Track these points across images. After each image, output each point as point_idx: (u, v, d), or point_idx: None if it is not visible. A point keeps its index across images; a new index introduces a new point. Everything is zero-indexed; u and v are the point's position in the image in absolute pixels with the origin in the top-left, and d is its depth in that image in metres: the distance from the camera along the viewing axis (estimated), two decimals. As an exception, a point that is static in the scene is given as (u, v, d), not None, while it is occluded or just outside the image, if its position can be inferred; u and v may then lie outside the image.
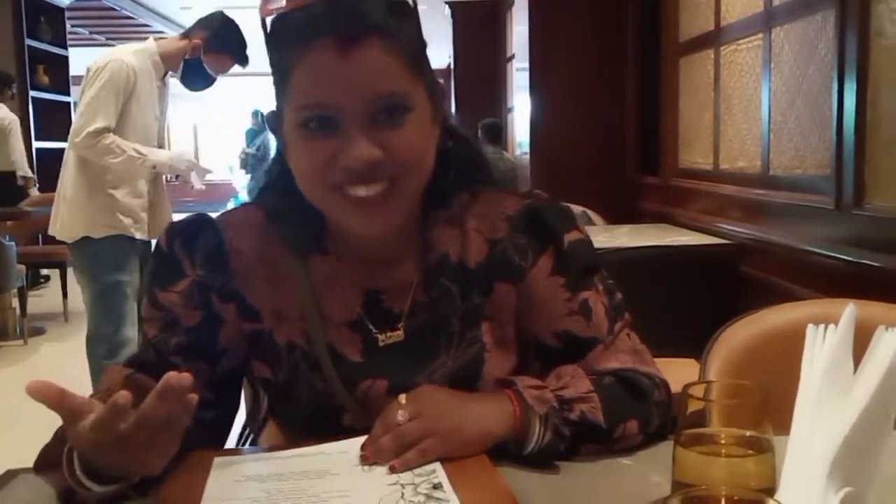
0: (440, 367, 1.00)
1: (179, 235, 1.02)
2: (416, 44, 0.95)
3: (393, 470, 0.84)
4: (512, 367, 1.03)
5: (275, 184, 1.04)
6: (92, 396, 0.86)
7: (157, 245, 1.04)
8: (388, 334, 1.01)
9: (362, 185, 0.91)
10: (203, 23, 3.17)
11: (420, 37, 0.96)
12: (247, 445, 1.13)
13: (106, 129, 2.99)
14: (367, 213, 0.93)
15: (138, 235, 3.16)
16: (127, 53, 3.09)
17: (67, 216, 3.14)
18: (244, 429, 1.16)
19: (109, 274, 3.10)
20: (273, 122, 0.99)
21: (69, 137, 3.11)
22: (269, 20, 0.95)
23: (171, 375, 0.74)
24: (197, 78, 3.21)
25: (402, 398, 0.90)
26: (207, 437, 0.97)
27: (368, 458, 0.86)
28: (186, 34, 3.20)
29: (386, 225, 0.96)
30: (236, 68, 3.26)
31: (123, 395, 0.73)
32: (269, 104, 1.02)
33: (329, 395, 0.99)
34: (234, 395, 1.07)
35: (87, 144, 3.00)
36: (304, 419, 1.02)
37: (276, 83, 0.96)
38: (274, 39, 0.95)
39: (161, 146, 3.29)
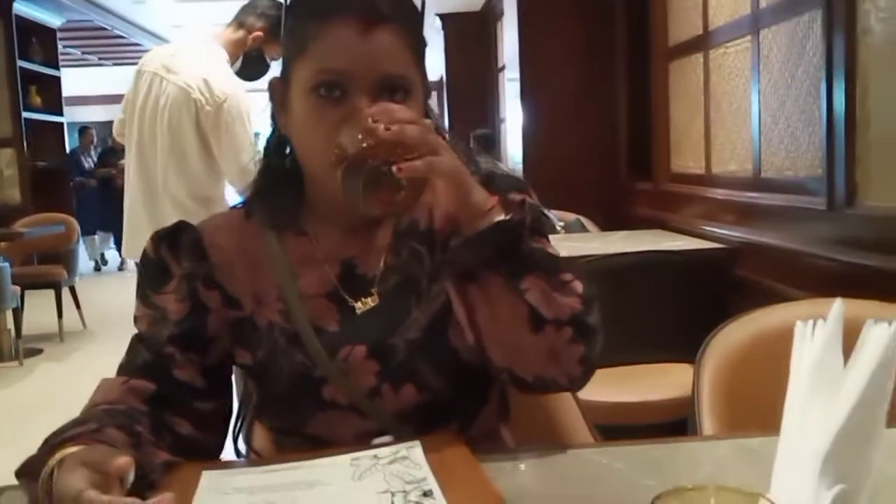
0: (413, 323, 1.04)
1: (164, 240, 1.08)
2: (421, 41, 1.04)
3: (399, 172, 0.87)
4: None
5: (267, 161, 1.11)
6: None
7: (145, 252, 1.09)
8: (364, 300, 1.05)
9: None
10: (256, 11, 2.92)
11: (423, 37, 1.05)
12: (239, 440, 1.13)
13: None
14: None
15: None
16: (231, 80, 2.87)
17: None
18: (235, 422, 1.17)
19: None
20: (276, 89, 1.06)
21: (232, 178, 2.81)
22: None
23: None
24: (257, 68, 3.00)
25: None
26: (208, 428, 1.02)
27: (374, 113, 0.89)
28: (241, 24, 2.92)
29: None
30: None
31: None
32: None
33: (309, 367, 1.01)
34: (226, 386, 1.09)
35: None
36: (286, 397, 1.04)
37: (289, 50, 1.03)
38: (297, 9, 1.04)
39: None
